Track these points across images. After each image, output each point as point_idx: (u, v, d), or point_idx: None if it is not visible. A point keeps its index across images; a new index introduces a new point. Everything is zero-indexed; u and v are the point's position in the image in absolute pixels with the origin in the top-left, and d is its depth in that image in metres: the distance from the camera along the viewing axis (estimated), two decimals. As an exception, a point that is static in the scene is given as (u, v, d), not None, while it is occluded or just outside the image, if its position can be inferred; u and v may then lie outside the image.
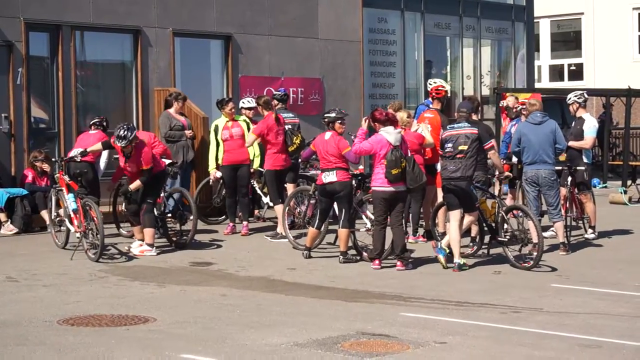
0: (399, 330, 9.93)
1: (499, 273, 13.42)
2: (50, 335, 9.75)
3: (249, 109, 17.44)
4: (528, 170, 14.92)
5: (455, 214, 13.79)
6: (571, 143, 16.11)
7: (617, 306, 11.25)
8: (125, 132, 14.43)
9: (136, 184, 14.74)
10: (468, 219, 13.90)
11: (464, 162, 13.61)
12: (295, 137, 16.95)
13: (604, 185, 24.66)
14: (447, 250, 13.71)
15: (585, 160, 16.21)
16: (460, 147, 13.66)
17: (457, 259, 13.62)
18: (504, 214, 13.95)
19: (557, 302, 11.48)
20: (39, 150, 17.77)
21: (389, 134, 13.73)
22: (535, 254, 13.60)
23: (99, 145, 15.45)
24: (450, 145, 13.72)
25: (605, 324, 10.36)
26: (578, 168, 15.96)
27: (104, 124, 16.80)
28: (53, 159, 16.77)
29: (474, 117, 14.80)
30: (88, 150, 15.55)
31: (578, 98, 16.45)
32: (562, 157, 16.15)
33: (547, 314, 10.86)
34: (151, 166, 14.79)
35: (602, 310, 11.04)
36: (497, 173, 14.60)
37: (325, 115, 14.72)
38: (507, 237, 13.95)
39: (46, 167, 17.36)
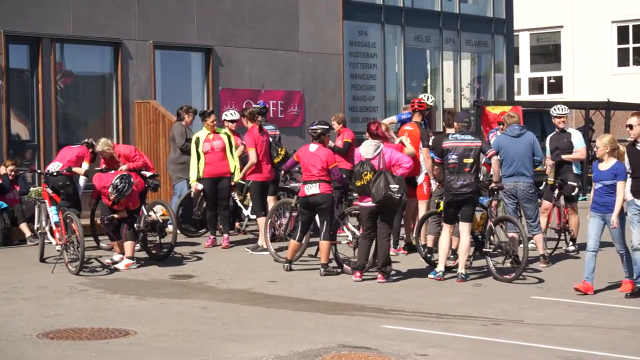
0: (380, 343, 9.93)
1: (479, 285, 13.44)
2: (29, 349, 9.70)
3: (232, 121, 17.39)
4: (506, 183, 14.93)
5: (449, 227, 13.83)
6: (566, 157, 16.08)
7: (597, 318, 11.29)
8: (124, 187, 14.35)
9: (122, 214, 14.74)
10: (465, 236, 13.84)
11: (470, 175, 13.62)
12: (280, 149, 17.06)
13: (584, 197, 24.72)
14: (464, 273, 13.74)
15: (575, 171, 16.19)
16: (466, 160, 13.64)
17: (442, 268, 13.70)
18: (492, 225, 13.96)
19: (537, 314, 11.51)
20: (10, 160, 17.66)
21: (362, 146, 13.80)
22: (518, 265, 13.61)
23: (81, 171, 15.67)
24: (455, 157, 13.68)
25: (585, 335, 10.39)
26: (569, 183, 15.93)
27: (93, 144, 16.49)
28: (38, 171, 16.77)
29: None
30: (73, 169, 15.57)
31: (566, 111, 16.38)
32: (550, 173, 16.17)
33: (528, 326, 10.88)
34: (139, 206, 14.90)
35: (583, 322, 11.07)
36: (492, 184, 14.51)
37: (318, 127, 14.53)
38: (492, 248, 13.97)
39: (10, 169, 17.27)
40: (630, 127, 12.62)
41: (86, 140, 16.34)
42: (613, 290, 12.99)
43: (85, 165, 15.88)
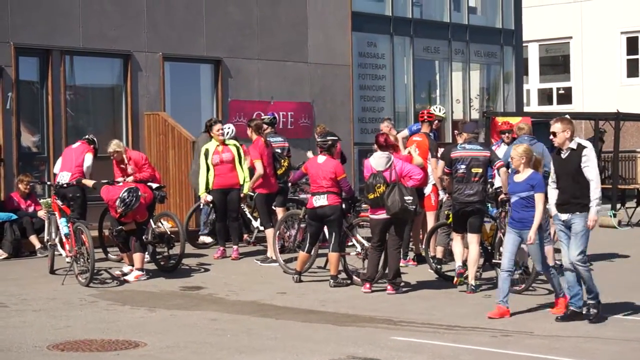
0: (389, 354, 9.93)
1: (489, 297, 13.41)
2: (40, 360, 9.74)
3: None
4: (517, 194, 14.94)
5: (460, 236, 13.83)
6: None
7: (606, 330, 11.27)
8: (131, 200, 14.35)
9: (130, 226, 14.75)
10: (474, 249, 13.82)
11: (477, 185, 13.65)
12: (283, 160, 17.07)
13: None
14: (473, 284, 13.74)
15: None
16: (474, 170, 13.67)
17: (460, 263, 13.73)
18: (502, 237, 13.94)
19: (547, 325, 11.49)
20: (26, 174, 17.76)
21: (373, 158, 13.82)
22: (528, 277, 13.59)
23: (90, 183, 15.71)
24: (463, 167, 13.70)
25: (594, 347, 10.37)
26: None
27: (94, 140, 16.47)
28: (48, 183, 16.79)
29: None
30: (83, 181, 15.59)
31: None
32: None
33: (537, 337, 10.87)
34: (147, 218, 14.93)
35: (592, 333, 11.06)
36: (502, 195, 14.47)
37: (329, 138, 14.51)
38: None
39: (25, 183, 17.36)
40: (554, 134, 11.81)
41: (86, 136, 16.35)
42: (621, 303, 12.96)
43: (89, 159, 15.87)
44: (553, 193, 11.81)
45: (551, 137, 11.81)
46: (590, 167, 11.54)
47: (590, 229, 11.56)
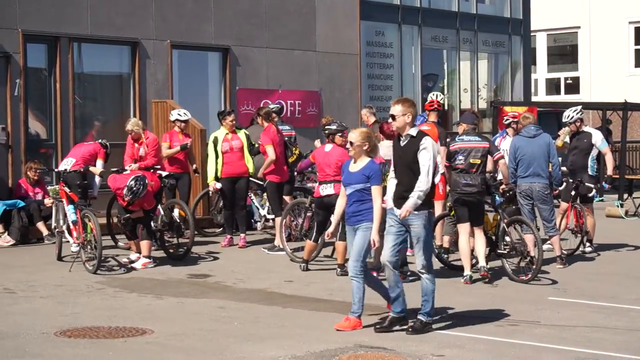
0: (396, 343, 9.94)
1: (496, 286, 13.42)
2: (47, 347, 9.74)
3: (184, 121, 17.47)
4: (522, 184, 14.96)
5: (465, 227, 13.75)
6: (610, 167, 16.21)
7: (613, 319, 11.27)
8: (138, 188, 14.38)
9: (138, 214, 14.77)
10: (480, 237, 13.78)
11: (475, 176, 13.62)
12: (294, 148, 17.12)
13: (600, 198, 24.69)
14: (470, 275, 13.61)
15: (590, 172, 16.16)
16: (472, 161, 13.65)
17: (469, 272, 13.58)
18: (505, 226, 13.95)
19: (554, 315, 11.49)
20: (35, 161, 17.81)
21: (381, 147, 13.81)
22: (533, 266, 13.60)
23: (97, 171, 15.66)
24: (461, 158, 13.69)
25: (602, 337, 10.37)
26: (587, 184, 15.95)
27: (107, 145, 16.41)
28: (55, 170, 16.81)
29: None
30: (90, 169, 15.59)
31: (580, 114, 16.32)
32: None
33: (545, 327, 10.87)
34: (154, 206, 14.94)
35: (599, 323, 11.05)
36: (502, 186, 14.47)
37: (326, 127, 14.72)
38: (507, 249, 13.96)
39: (33, 170, 17.42)
40: (393, 117, 10.42)
41: (100, 140, 16.35)
42: (630, 291, 12.97)
43: (99, 164, 15.88)
44: (392, 184, 10.58)
45: (390, 120, 10.58)
46: (422, 153, 10.33)
47: (401, 218, 10.29)
